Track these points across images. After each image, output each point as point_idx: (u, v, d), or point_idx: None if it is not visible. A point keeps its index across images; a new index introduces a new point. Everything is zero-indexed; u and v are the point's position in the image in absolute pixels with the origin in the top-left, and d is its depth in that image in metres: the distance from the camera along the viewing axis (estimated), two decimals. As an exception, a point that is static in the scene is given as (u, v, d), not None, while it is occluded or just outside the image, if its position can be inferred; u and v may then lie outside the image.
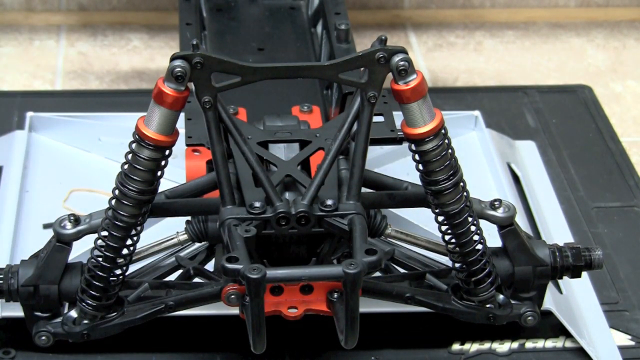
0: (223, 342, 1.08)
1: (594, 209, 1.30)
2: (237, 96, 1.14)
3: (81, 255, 1.07)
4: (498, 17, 1.72)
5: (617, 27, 1.71)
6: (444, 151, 0.95)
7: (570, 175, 1.35)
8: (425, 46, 1.65)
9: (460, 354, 1.09)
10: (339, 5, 1.28)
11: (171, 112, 0.92)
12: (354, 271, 0.87)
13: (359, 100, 0.95)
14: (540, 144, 1.40)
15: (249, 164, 0.97)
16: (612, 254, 1.22)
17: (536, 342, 1.10)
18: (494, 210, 1.02)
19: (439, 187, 0.96)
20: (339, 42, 1.23)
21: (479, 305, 1.02)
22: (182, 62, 0.89)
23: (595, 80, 1.57)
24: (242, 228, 0.93)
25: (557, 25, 1.71)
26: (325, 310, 0.95)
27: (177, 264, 1.06)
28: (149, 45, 1.63)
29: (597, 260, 1.05)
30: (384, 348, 1.09)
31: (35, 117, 1.33)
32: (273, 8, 1.39)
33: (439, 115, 0.94)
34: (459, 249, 1.00)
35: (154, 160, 0.94)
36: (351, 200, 0.97)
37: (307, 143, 1.05)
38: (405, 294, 1.02)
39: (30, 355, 1.06)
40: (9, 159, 1.29)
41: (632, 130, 1.47)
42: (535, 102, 1.49)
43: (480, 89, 1.53)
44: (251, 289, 0.87)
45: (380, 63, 0.91)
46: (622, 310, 1.15)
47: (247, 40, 1.32)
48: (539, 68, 1.61)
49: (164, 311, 1.01)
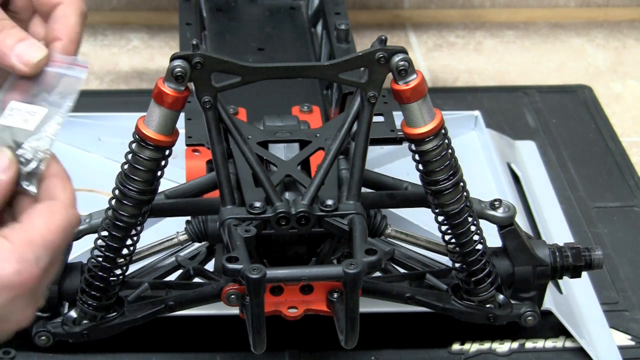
0: (223, 342, 1.08)
1: (594, 209, 1.30)
2: (237, 96, 1.14)
3: (81, 255, 1.07)
4: (498, 17, 1.72)
5: (617, 27, 1.71)
6: (444, 151, 0.95)
7: (570, 175, 1.35)
8: (425, 46, 1.65)
9: (460, 354, 1.09)
10: (339, 5, 1.28)
11: (171, 112, 0.92)
12: (354, 271, 0.87)
13: (359, 100, 0.95)
14: (540, 144, 1.40)
15: (249, 164, 0.97)
16: (612, 254, 1.22)
17: (536, 342, 1.10)
18: (494, 210, 1.02)
19: (439, 187, 0.96)
20: (339, 42, 1.23)
21: (479, 305, 1.02)
22: (182, 62, 0.89)
23: (595, 80, 1.57)
24: (242, 228, 0.93)
25: (557, 25, 1.71)
26: (325, 310, 0.95)
27: (177, 264, 1.06)
28: (149, 45, 1.63)
29: (597, 260, 1.05)
30: (384, 348, 1.09)
31: (35, 117, 1.33)
32: (273, 8, 1.39)
33: (439, 115, 0.94)
34: (459, 249, 1.00)
35: (154, 160, 0.94)
36: (351, 200, 0.97)
37: (307, 143, 1.05)
38: (405, 294, 1.02)
39: (30, 355, 1.06)
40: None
41: (632, 130, 1.47)
42: (535, 102, 1.49)
43: (480, 89, 1.53)
44: (251, 289, 0.87)
45: (380, 63, 0.91)
46: (622, 310, 1.15)
47: (247, 40, 1.32)
48: (539, 68, 1.61)
49: (164, 311, 1.01)
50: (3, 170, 0.76)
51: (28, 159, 0.78)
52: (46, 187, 0.77)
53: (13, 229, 0.73)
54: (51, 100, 0.82)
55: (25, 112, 0.81)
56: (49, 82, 0.83)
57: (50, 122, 0.80)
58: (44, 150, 0.78)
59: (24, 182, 0.77)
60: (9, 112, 0.81)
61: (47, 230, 0.73)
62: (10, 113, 0.81)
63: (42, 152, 0.78)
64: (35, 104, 0.82)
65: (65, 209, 0.76)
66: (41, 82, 0.83)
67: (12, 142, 0.79)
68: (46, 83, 0.83)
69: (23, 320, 0.74)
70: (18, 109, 0.81)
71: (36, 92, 0.82)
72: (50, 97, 0.82)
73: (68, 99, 0.82)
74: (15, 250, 0.71)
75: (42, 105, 0.81)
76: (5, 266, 0.71)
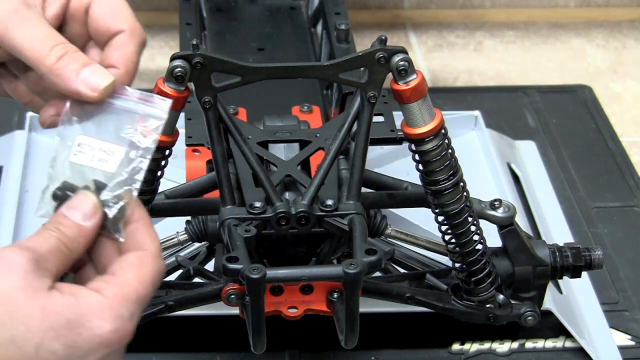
0: (223, 342, 1.08)
1: (594, 209, 1.30)
2: (237, 96, 1.14)
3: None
4: (498, 17, 1.72)
5: (617, 27, 1.71)
6: (444, 151, 0.95)
7: (570, 175, 1.35)
8: (425, 46, 1.65)
9: (460, 354, 1.09)
10: (339, 5, 1.28)
11: (171, 112, 0.91)
12: (354, 271, 0.87)
13: (359, 100, 0.95)
14: (540, 144, 1.40)
15: (249, 164, 0.97)
16: (612, 254, 1.22)
17: (536, 342, 1.10)
18: (494, 210, 1.02)
19: (439, 187, 0.96)
20: (339, 42, 1.23)
21: (479, 305, 1.02)
22: (182, 62, 0.89)
23: (595, 80, 1.57)
24: (242, 228, 0.93)
25: (557, 25, 1.71)
26: (325, 310, 0.95)
27: (177, 264, 1.06)
28: (149, 45, 1.62)
29: (597, 260, 1.05)
30: (384, 348, 1.09)
31: (35, 117, 1.33)
32: (273, 8, 1.39)
33: (439, 115, 0.94)
34: (459, 249, 1.00)
35: (154, 160, 0.94)
36: (351, 200, 0.97)
37: (307, 143, 1.05)
38: (405, 294, 1.02)
39: (30, 355, 1.06)
40: (9, 159, 1.29)
41: (632, 130, 1.47)
42: (535, 102, 1.49)
43: (480, 89, 1.53)
44: (251, 289, 0.87)
45: (380, 63, 0.91)
46: (622, 310, 1.15)
47: (247, 40, 1.32)
48: (539, 68, 1.61)
49: (163, 311, 1.01)
50: (87, 216, 0.72)
51: (112, 203, 0.73)
52: (132, 234, 0.73)
53: (107, 282, 0.71)
54: (127, 139, 0.75)
55: (99, 149, 0.74)
56: (121, 117, 0.76)
57: (132, 164, 0.74)
58: (129, 194, 0.73)
59: (110, 228, 0.73)
60: (77, 147, 0.75)
61: (140, 284, 0.71)
62: (80, 150, 0.75)
63: (127, 196, 0.73)
64: (107, 141, 0.75)
65: (154, 260, 0.73)
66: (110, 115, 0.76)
67: (91, 183, 0.73)
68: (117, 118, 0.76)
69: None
70: (89, 146, 0.75)
71: (106, 126, 0.76)
72: (125, 135, 0.75)
73: (150, 140, 0.75)
74: (111, 307, 0.69)
75: (117, 144, 0.75)
76: (102, 324, 0.69)
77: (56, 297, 0.68)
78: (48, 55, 0.77)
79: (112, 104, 0.76)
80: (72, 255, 0.72)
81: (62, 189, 0.74)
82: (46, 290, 0.68)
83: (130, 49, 0.80)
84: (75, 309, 0.68)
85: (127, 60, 0.80)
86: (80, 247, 0.72)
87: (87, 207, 0.73)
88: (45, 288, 0.68)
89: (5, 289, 0.67)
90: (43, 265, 0.69)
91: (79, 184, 0.74)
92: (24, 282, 0.68)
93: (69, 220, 0.72)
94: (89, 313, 0.69)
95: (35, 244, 0.70)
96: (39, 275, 0.69)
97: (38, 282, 0.68)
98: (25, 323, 0.67)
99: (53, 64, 0.76)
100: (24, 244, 0.70)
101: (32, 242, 0.70)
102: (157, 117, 0.76)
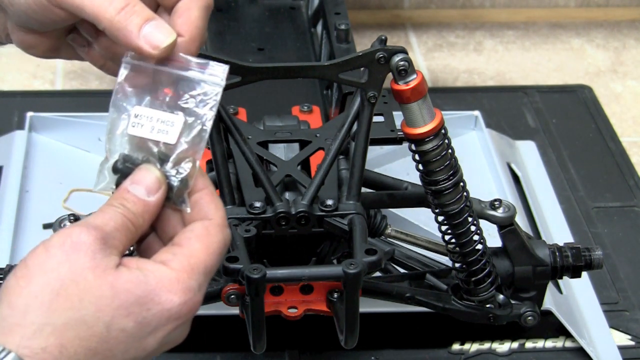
0: (223, 342, 1.08)
1: (594, 209, 1.30)
2: (237, 96, 1.14)
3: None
4: (498, 17, 1.72)
5: (617, 27, 1.71)
6: (444, 151, 0.95)
7: (570, 175, 1.35)
8: (425, 46, 1.65)
9: (460, 354, 1.09)
10: (339, 5, 1.28)
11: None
12: (354, 271, 0.87)
13: (359, 100, 0.95)
14: (540, 144, 1.40)
15: (249, 164, 0.97)
16: (612, 254, 1.22)
17: (536, 342, 1.10)
18: (494, 210, 1.02)
19: (439, 187, 0.96)
20: (339, 42, 1.23)
21: (479, 305, 1.02)
22: (182, 62, 0.89)
23: (595, 80, 1.57)
24: (242, 228, 0.93)
25: (557, 25, 1.71)
26: (325, 310, 0.95)
27: (177, 264, 1.06)
28: (149, 45, 1.63)
29: (597, 260, 1.05)
30: (384, 348, 1.09)
31: (35, 117, 1.33)
32: (273, 8, 1.39)
33: (439, 115, 0.94)
34: (459, 249, 1.00)
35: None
36: (351, 200, 0.97)
37: (307, 143, 1.05)
38: (405, 294, 1.02)
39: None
40: (9, 159, 1.29)
41: (632, 130, 1.47)
42: (535, 102, 1.49)
43: (480, 89, 1.53)
44: (251, 289, 0.87)
45: (380, 63, 0.91)
46: (622, 310, 1.15)
47: (247, 40, 1.32)
48: (539, 68, 1.61)
49: (164, 311, 1.01)
50: (151, 191, 0.71)
51: (176, 175, 0.71)
52: (196, 204, 0.72)
53: (173, 254, 0.70)
54: (185, 108, 0.72)
55: (157, 120, 0.72)
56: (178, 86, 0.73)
57: (193, 132, 0.72)
58: (192, 164, 0.71)
59: (175, 200, 0.72)
60: (135, 119, 0.72)
61: (207, 255, 0.70)
62: (137, 121, 0.72)
63: (190, 166, 0.71)
64: (166, 111, 0.72)
65: (221, 230, 0.71)
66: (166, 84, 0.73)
67: (151, 155, 0.72)
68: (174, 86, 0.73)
69: (179, 342, 0.72)
70: (146, 117, 0.72)
71: (163, 96, 0.73)
72: (183, 104, 0.73)
73: (208, 108, 0.72)
74: (180, 280, 0.69)
75: (176, 113, 0.72)
76: (171, 298, 0.68)
77: (124, 274, 0.68)
78: (109, 7, 0.73)
79: (168, 71, 0.73)
80: (138, 231, 0.71)
81: (123, 162, 0.72)
82: (114, 269, 0.68)
83: (194, 13, 0.75)
84: (144, 285, 0.68)
85: (191, 26, 0.75)
86: (146, 223, 0.72)
87: (150, 181, 0.71)
88: (113, 266, 0.68)
89: (74, 270, 0.67)
90: (110, 243, 0.69)
91: (139, 156, 0.72)
92: (92, 262, 0.67)
93: (133, 196, 0.71)
94: (158, 288, 0.68)
95: (102, 222, 0.69)
96: (107, 253, 0.68)
97: (106, 261, 0.68)
98: (95, 303, 0.67)
99: (114, 17, 0.73)
100: (91, 223, 0.69)
101: (99, 220, 0.69)
102: (214, 84, 0.73)
